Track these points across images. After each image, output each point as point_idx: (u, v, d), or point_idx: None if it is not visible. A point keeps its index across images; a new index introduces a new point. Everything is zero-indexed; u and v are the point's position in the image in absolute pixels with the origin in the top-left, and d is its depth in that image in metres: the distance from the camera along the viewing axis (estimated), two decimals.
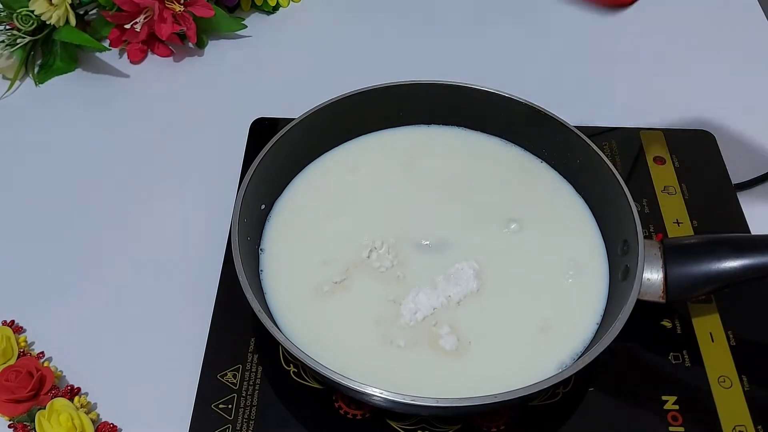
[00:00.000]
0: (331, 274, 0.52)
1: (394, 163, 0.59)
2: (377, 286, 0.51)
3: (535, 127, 0.57)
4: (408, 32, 0.80)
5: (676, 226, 0.59)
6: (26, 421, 0.49)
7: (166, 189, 0.65)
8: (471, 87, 0.58)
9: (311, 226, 0.55)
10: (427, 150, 0.60)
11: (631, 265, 0.48)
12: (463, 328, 0.49)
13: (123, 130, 0.70)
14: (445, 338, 0.48)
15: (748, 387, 0.50)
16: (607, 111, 0.70)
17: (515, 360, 0.48)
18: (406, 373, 0.47)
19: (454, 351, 0.48)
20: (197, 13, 0.73)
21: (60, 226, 0.62)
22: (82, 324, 0.55)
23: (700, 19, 0.82)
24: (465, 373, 0.47)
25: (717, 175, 0.63)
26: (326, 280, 0.51)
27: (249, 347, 0.52)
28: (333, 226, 0.55)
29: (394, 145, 0.60)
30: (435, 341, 0.48)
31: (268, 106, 0.69)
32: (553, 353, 0.48)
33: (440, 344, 0.48)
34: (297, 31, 0.81)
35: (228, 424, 0.48)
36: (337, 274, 0.52)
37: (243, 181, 0.51)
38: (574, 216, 0.55)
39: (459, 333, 0.49)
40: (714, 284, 0.49)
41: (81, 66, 0.76)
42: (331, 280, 0.51)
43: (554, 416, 0.49)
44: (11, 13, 0.71)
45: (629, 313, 0.45)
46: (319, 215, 0.55)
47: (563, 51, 0.78)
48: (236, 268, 0.46)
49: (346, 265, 0.52)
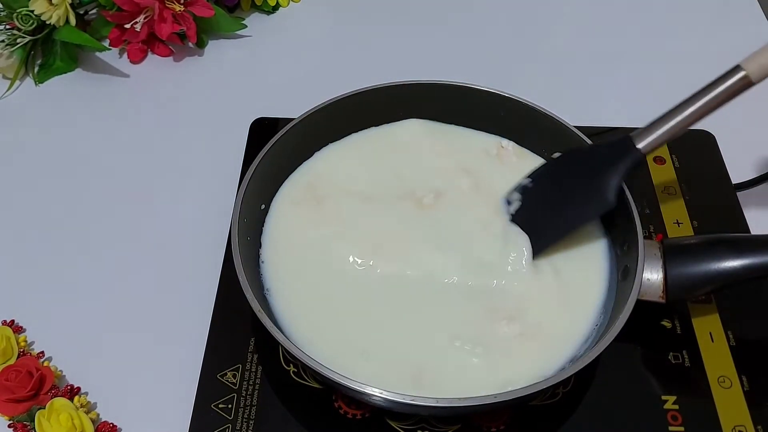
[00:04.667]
0: (331, 273, 0.52)
1: (394, 163, 0.58)
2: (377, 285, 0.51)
3: (535, 127, 0.57)
4: (408, 32, 0.80)
5: (676, 226, 0.59)
6: (26, 420, 0.49)
7: (166, 189, 0.65)
8: (471, 87, 0.58)
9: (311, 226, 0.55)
10: (427, 150, 0.60)
11: (631, 265, 0.48)
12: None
13: (123, 130, 0.70)
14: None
15: (748, 387, 0.50)
16: (607, 111, 0.70)
17: (515, 360, 0.48)
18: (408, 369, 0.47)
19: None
20: (197, 13, 0.73)
21: (60, 226, 0.62)
22: (82, 324, 0.55)
23: (700, 19, 0.82)
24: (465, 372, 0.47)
25: (717, 175, 0.63)
26: (326, 279, 0.51)
27: (249, 347, 0.52)
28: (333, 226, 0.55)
29: (394, 144, 0.60)
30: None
31: (268, 106, 0.69)
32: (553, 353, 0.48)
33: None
34: (297, 31, 0.81)
35: (228, 423, 0.48)
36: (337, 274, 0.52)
37: (243, 181, 0.51)
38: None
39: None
40: (714, 284, 0.49)
41: (81, 66, 0.76)
42: (331, 280, 0.51)
43: (554, 416, 0.49)
44: (11, 12, 0.71)
45: (629, 313, 0.45)
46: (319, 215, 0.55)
47: (563, 51, 0.78)
48: (236, 268, 0.46)
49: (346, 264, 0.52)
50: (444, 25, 0.81)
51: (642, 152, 0.48)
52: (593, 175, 0.50)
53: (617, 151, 0.49)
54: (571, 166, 0.52)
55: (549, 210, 0.52)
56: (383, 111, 0.59)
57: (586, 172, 0.51)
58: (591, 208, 0.51)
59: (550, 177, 0.53)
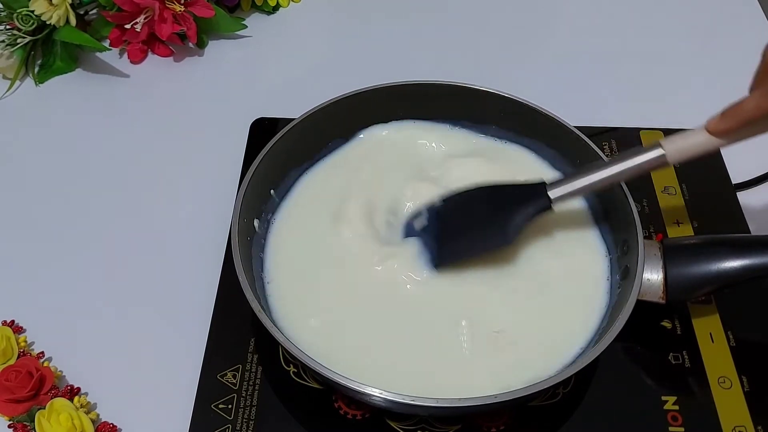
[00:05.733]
0: (331, 273, 0.52)
1: (394, 163, 0.58)
2: (378, 284, 0.51)
3: (535, 127, 0.57)
4: (408, 32, 0.80)
5: (676, 226, 0.59)
6: (26, 421, 0.49)
7: (166, 189, 0.65)
8: (471, 87, 0.58)
9: (311, 226, 0.55)
10: (426, 149, 0.60)
11: (631, 265, 0.48)
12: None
13: (123, 130, 0.70)
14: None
15: (748, 387, 0.50)
16: (607, 111, 0.70)
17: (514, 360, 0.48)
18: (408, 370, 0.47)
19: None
20: (197, 13, 0.73)
21: (60, 226, 0.62)
22: (82, 324, 0.55)
23: (700, 19, 0.82)
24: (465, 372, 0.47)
25: (717, 175, 0.62)
26: (327, 279, 0.51)
27: (249, 347, 0.52)
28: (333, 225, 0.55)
29: (394, 144, 0.60)
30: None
31: (268, 106, 0.69)
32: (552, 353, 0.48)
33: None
34: (297, 31, 0.81)
35: (228, 424, 0.48)
36: (337, 273, 0.52)
37: (243, 181, 0.51)
38: (574, 216, 0.55)
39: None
40: (714, 284, 0.49)
41: (81, 66, 0.76)
42: (332, 280, 0.51)
43: (554, 416, 0.49)
44: (11, 13, 0.71)
45: (629, 313, 0.45)
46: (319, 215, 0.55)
47: (563, 51, 0.78)
48: (236, 268, 0.46)
49: (346, 264, 0.52)
50: (444, 25, 0.81)
51: (550, 201, 0.49)
52: (499, 212, 0.51)
53: (528, 195, 0.50)
54: (483, 200, 0.52)
55: (452, 232, 0.52)
56: (383, 111, 0.59)
57: (495, 208, 0.52)
58: (490, 241, 0.51)
59: (461, 204, 0.53)
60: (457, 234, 0.52)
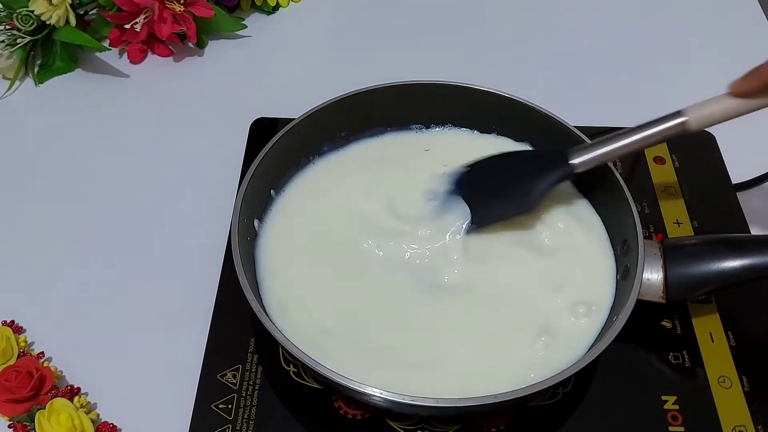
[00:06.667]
0: (332, 273, 0.52)
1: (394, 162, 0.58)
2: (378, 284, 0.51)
3: (535, 127, 0.57)
4: (408, 32, 0.80)
5: (676, 226, 0.59)
6: (26, 421, 0.49)
7: (166, 189, 0.65)
8: (471, 87, 0.58)
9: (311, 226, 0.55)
10: (427, 149, 0.60)
11: (631, 265, 0.48)
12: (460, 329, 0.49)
13: (123, 130, 0.70)
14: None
15: (748, 387, 0.50)
16: (607, 111, 0.70)
17: (515, 360, 0.48)
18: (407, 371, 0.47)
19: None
20: (197, 13, 0.73)
21: (60, 226, 0.62)
22: (82, 324, 0.55)
23: (700, 19, 0.82)
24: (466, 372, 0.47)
25: (717, 175, 0.63)
26: (327, 279, 0.51)
27: (249, 347, 0.52)
28: (333, 225, 0.55)
29: (394, 144, 0.60)
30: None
31: (268, 106, 0.69)
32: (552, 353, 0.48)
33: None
34: (297, 31, 0.81)
35: (228, 424, 0.48)
36: (337, 273, 0.52)
37: (243, 181, 0.51)
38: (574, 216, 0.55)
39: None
40: (714, 284, 0.49)
41: (81, 66, 0.76)
42: (332, 280, 0.51)
43: (554, 416, 0.49)
44: (11, 13, 0.71)
45: (629, 313, 0.45)
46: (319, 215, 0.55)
47: (563, 51, 0.78)
48: (236, 268, 0.46)
49: (347, 264, 0.52)
50: (444, 25, 0.81)
51: (573, 167, 0.50)
52: (524, 178, 0.52)
53: (551, 162, 0.51)
54: (508, 166, 0.54)
55: (481, 195, 0.53)
56: (383, 111, 0.59)
57: (519, 174, 0.52)
58: (512, 207, 0.52)
59: (488, 170, 0.54)
60: (488, 196, 0.53)
